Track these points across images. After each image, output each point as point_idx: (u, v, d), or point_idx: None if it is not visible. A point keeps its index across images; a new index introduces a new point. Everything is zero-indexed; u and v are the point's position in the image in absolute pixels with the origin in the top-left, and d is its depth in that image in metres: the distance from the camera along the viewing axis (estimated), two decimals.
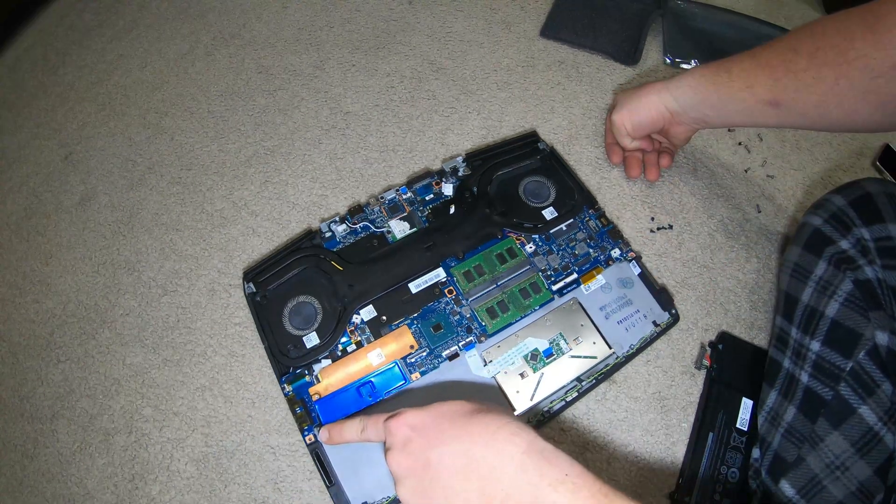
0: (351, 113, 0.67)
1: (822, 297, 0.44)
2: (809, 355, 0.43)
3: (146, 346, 0.55)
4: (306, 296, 0.53)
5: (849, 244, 0.44)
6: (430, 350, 0.50)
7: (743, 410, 0.49)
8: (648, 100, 0.54)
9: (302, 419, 0.47)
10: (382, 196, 0.58)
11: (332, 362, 0.50)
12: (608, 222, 0.56)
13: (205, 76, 0.72)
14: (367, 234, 0.56)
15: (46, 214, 0.63)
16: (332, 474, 0.46)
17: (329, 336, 0.51)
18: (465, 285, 0.53)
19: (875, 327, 0.40)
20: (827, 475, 0.40)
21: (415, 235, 0.55)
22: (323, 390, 0.49)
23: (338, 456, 0.46)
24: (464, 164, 0.59)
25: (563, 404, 0.49)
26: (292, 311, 0.52)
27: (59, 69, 0.74)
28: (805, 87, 0.43)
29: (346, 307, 0.52)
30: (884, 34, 0.38)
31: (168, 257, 0.59)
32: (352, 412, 0.47)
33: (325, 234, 0.56)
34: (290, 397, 0.49)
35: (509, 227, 0.55)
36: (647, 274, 0.54)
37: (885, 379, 0.40)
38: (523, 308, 0.52)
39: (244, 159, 0.65)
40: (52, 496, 0.49)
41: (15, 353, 0.56)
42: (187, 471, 0.49)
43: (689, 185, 0.61)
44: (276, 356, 0.50)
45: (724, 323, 0.54)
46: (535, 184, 0.59)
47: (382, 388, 0.49)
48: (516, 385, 0.48)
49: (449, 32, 0.73)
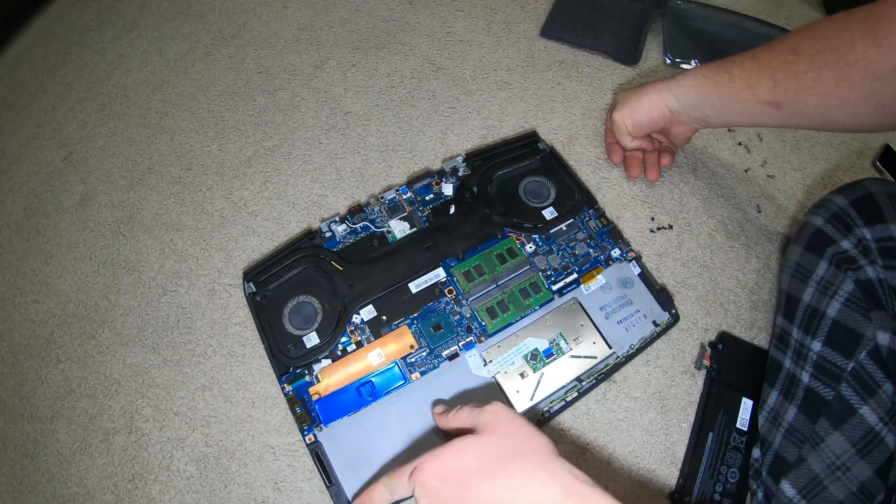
0: (351, 113, 0.67)
1: (824, 297, 0.44)
2: (810, 355, 0.43)
3: (146, 346, 0.55)
4: (306, 296, 0.53)
5: (850, 244, 0.44)
6: (430, 350, 0.50)
7: (743, 410, 0.49)
8: (649, 99, 0.54)
9: (302, 419, 0.47)
10: (382, 196, 0.58)
11: (332, 362, 0.50)
12: (608, 222, 0.56)
13: (205, 76, 0.72)
14: (367, 234, 0.56)
15: (46, 214, 0.63)
16: (331, 474, 0.46)
17: (329, 336, 0.51)
18: (465, 285, 0.53)
19: (876, 328, 0.40)
20: (828, 475, 0.40)
21: (415, 235, 0.55)
22: (323, 390, 0.49)
23: (338, 456, 0.46)
24: (464, 164, 0.59)
25: (563, 404, 0.49)
26: (292, 311, 0.52)
27: (59, 69, 0.74)
28: (806, 89, 0.43)
29: (346, 307, 0.52)
30: (885, 37, 0.38)
31: (168, 257, 0.59)
32: (351, 412, 0.48)
33: (325, 233, 0.56)
34: (289, 397, 0.49)
35: (509, 227, 0.55)
36: (647, 274, 0.54)
37: (886, 379, 0.40)
38: (523, 308, 0.51)
39: (244, 159, 0.65)
40: (52, 496, 0.49)
41: (15, 353, 0.56)
42: (187, 471, 0.49)
43: (689, 185, 0.61)
44: (276, 356, 0.50)
45: (724, 323, 0.54)
46: (535, 184, 0.59)
47: (382, 388, 0.48)
48: (516, 385, 0.48)
49: (449, 32, 0.73)
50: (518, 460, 0.34)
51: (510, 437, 0.36)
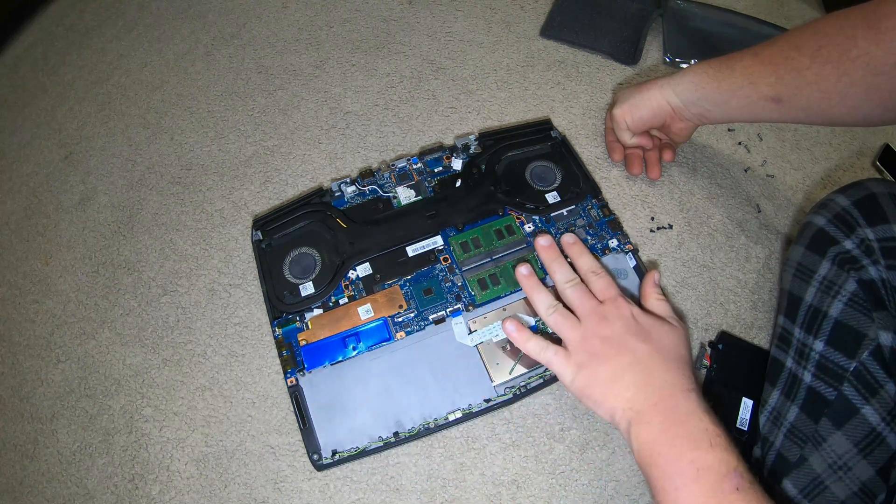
0: (351, 113, 0.67)
1: (826, 296, 0.44)
2: (812, 355, 0.43)
3: (146, 346, 0.55)
4: (308, 248, 0.55)
5: (852, 244, 0.43)
6: (419, 312, 0.51)
7: (743, 410, 0.49)
8: (650, 94, 0.54)
9: (287, 362, 0.50)
10: (394, 164, 0.59)
11: (323, 312, 0.51)
12: (609, 213, 0.56)
13: (205, 76, 0.72)
14: (374, 197, 0.58)
15: (46, 214, 0.63)
16: (307, 418, 0.48)
17: (324, 287, 0.53)
18: (460, 255, 0.53)
19: (879, 328, 0.40)
20: (829, 475, 0.40)
21: (419, 203, 0.57)
22: (311, 337, 0.50)
23: (315, 402, 0.48)
24: (476, 143, 0.60)
25: (540, 382, 0.49)
26: (293, 261, 0.54)
27: (59, 69, 0.74)
28: (807, 85, 0.43)
29: (344, 262, 0.53)
30: (886, 32, 0.38)
31: (168, 257, 0.59)
32: (335, 360, 0.50)
33: (335, 192, 0.58)
34: (278, 340, 0.51)
35: (511, 206, 0.56)
36: (643, 267, 0.54)
37: (888, 380, 0.40)
38: (514, 283, 0.52)
39: (244, 159, 0.65)
40: (52, 496, 0.49)
41: (15, 353, 0.56)
42: (187, 471, 0.49)
43: (689, 185, 0.61)
44: (272, 300, 0.52)
45: (724, 323, 0.54)
46: (543, 168, 0.59)
47: (367, 342, 0.50)
48: (497, 357, 0.49)
49: (449, 32, 0.73)
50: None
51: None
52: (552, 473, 0.47)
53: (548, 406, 0.50)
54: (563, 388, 0.51)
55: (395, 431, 0.47)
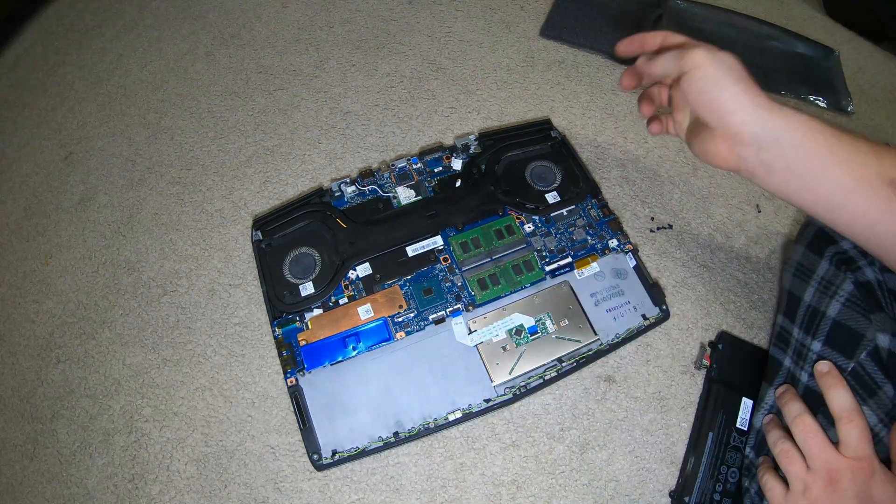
0: (351, 113, 0.67)
1: (824, 297, 0.44)
2: (811, 355, 0.43)
3: (146, 346, 0.55)
4: (308, 248, 0.55)
5: (850, 244, 0.44)
6: (418, 312, 0.52)
7: (743, 410, 0.49)
8: (739, 90, 0.38)
9: (287, 362, 0.50)
10: (394, 164, 0.59)
11: (323, 312, 0.51)
12: (609, 213, 0.56)
13: (205, 76, 0.72)
14: (374, 197, 0.58)
15: (46, 214, 0.63)
16: (307, 418, 0.48)
17: (324, 287, 0.53)
18: (460, 255, 0.54)
19: (876, 329, 0.40)
20: None
21: (419, 203, 0.57)
22: (311, 337, 0.50)
23: (315, 402, 0.48)
24: (476, 143, 0.60)
25: (540, 382, 0.49)
26: (293, 261, 0.54)
27: (59, 69, 0.74)
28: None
29: (344, 262, 0.53)
30: None
31: (168, 257, 0.59)
32: (335, 360, 0.50)
33: (335, 192, 0.58)
34: (278, 340, 0.51)
35: (511, 206, 0.56)
36: (643, 267, 0.54)
37: (886, 381, 0.40)
38: (514, 284, 0.52)
39: (244, 159, 0.65)
40: (52, 496, 0.49)
41: (15, 353, 0.56)
42: (187, 471, 0.49)
43: (689, 185, 0.61)
44: (272, 301, 0.52)
45: (724, 323, 0.54)
46: (543, 168, 0.59)
47: (367, 342, 0.50)
48: (497, 357, 0.49)
49: (449, 32, 0.73)
50: None
51: None
52: (552, 473, 0.47)
53: (548, 406, 0.50)
54: (563, 388, 0.51)
55: (395, 431, 0.47)
